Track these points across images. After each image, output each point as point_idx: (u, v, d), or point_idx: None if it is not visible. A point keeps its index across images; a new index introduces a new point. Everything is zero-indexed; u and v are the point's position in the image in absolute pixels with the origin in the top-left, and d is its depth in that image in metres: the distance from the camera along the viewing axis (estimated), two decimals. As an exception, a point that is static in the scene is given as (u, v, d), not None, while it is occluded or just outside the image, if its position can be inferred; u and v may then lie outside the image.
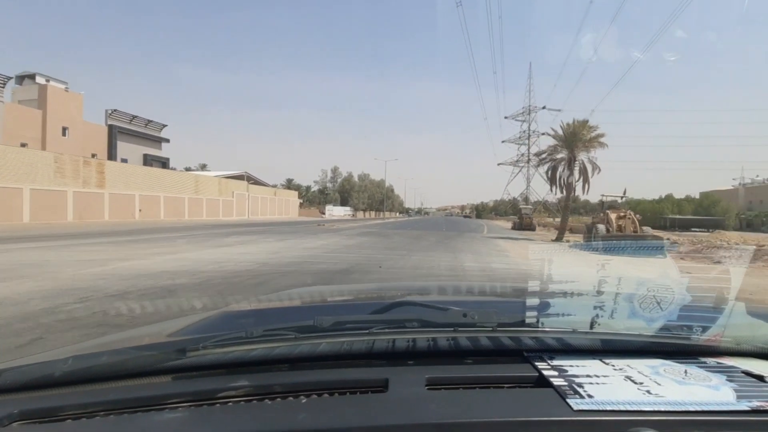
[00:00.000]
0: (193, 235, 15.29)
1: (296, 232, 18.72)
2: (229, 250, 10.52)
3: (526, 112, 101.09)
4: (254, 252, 10.32)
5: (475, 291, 1.77)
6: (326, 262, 8.79)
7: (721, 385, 0.70)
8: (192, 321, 1.11)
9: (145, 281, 5.85)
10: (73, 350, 0.89)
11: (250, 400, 0.69)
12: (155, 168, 35.33)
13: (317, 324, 0.84)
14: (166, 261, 8.17)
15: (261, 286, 5.81)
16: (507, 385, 0.73)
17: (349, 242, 13.70)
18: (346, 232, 19.60)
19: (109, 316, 4.03)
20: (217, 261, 8.36)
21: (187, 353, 0.77)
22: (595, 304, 0.99)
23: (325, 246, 12.28)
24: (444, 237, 18.80)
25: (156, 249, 10.27)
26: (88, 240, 12.51)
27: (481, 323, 0.86)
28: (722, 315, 0.95)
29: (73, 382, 0.74)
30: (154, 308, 4.27)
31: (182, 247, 10.92)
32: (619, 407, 0.62)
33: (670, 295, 0.96)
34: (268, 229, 20.76)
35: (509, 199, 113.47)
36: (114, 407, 0.67)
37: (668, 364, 0.78)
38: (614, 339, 0.86)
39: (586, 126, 19.22)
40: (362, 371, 0.78)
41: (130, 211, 30.01)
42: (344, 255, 10.09)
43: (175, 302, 4.71)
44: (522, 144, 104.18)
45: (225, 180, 43.38)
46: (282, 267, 7.77)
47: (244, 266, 7.69)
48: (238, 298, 4.55)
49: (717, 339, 0.86)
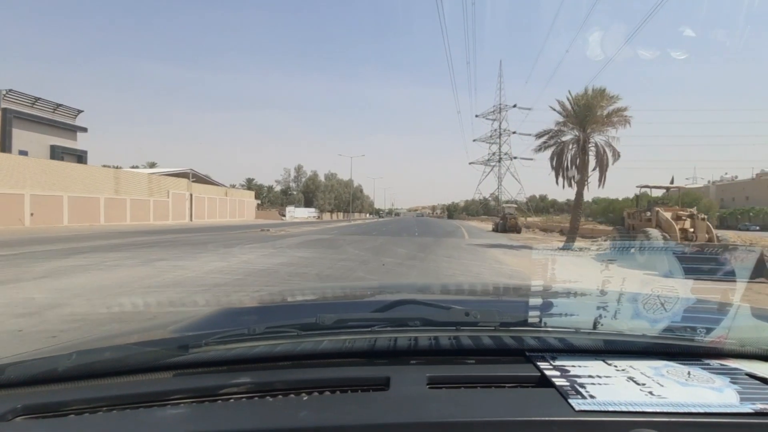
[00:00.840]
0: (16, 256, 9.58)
1: (215, 242, 14.16)
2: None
3: (497, 110, 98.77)
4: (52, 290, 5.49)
5: (477, 290, 1.77)
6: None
7: (725, 387, 0.70)
8: (194, 318, 1.11)
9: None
10: (76, 346, 0.89)
11: (252, 397, 0.70)
12: (57, 162, 27.90)
13: (319, 322, 0.85)
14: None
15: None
16: (509, 384, 0.73)
17: (274, 261, 9.46)
18: (288, 241, 15.29)
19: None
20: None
21: (189, 350, 0.78)
22: (599, 304, 0.98)
23: (227, 270, 7.92)
24: (418, 247, 14.07)
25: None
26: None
27: (483, 322, 0.86)
28: (726, 317, 0.94)
29: (76, 377, 0.75)
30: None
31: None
32: (620, 408, 0.62)
33: (674, 296, 0.95)
34: (179, 239, 15.63)
35: (480, 199, 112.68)
36: (117, 403, 0.68)
37: (671, 366, 0.79)
38: (617, 340, 0.86)
39: (604, 96, 14.02)
40: (364, 369, 0.79)
41: (16, 215, 23.16)
42: (225, 297, 5.83)
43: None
44: (493, 143, 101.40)
45: (158, 177, 36.34)
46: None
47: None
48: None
49: (721, 341, 0.85)
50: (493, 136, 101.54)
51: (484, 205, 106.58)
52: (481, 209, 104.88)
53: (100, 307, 4.91)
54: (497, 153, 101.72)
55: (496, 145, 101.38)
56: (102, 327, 4.04)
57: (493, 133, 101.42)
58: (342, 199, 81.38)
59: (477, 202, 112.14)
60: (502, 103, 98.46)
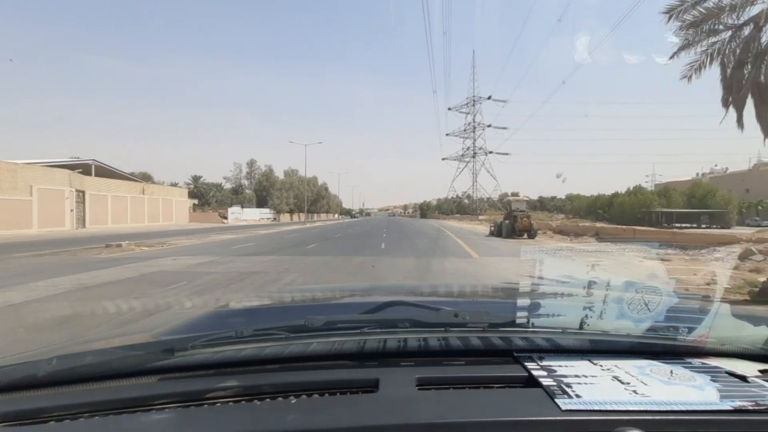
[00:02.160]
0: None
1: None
2: None
3: (471, 103, 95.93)
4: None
5: (466, 291, 1.86)
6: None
7: (706, 385, 0.75)
8: (181, 321, 1.15)
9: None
10: (57, 350, 0.91)
11: (239, 401, 0.71)
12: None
13: (308, 324, 0.88)
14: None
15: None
16: (497, 385, 0.77)
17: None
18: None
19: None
20: None
21: (175, 353, 0.79)
22: (585, 305, 1.00)
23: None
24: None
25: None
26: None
27: (472, 323, 0.91)
28: (707, 316, 0.99)
29: (56, 382, 0.76)
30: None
31: None
32: (606, 407, 0.66)
33: (657, 296, 0.99)
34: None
35: (454, 197, 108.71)
36: (99, 408, 0.69)
37: (655, 365, 0.84)
38: (603, 339, 0.92)
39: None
40: (353, 371, 0.82)
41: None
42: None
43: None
44: (467, 137, 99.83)
45: (13, 167, 26.15)
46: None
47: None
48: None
49: (702, 340, 0.91)
50: (467, 130, 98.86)
51: (458, 204, 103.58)
52: (455, 208, 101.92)
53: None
54: (471, 148, 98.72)
55: (470, 139, 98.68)
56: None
57: (467, 126, 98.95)
58: (303, 197, 75.72)
59: (450, 200, 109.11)
60: (476, 95, 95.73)
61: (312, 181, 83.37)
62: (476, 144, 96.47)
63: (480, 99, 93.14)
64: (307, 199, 72.86)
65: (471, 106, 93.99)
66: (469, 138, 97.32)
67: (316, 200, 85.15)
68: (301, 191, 74.37)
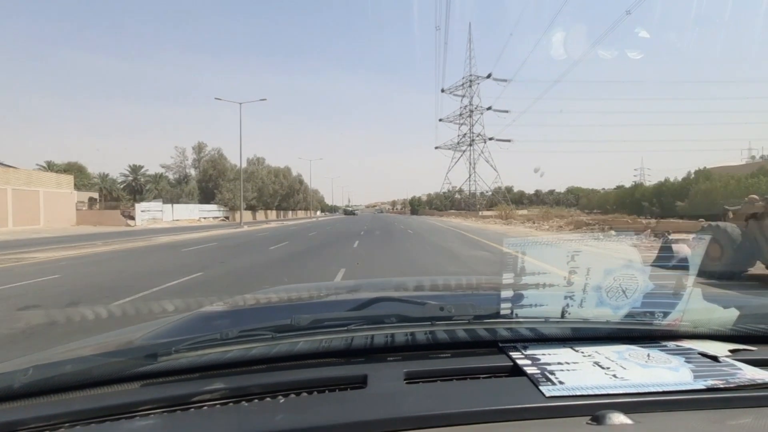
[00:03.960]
0: None
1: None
2: None
3: (467, 83, 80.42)
4: None
5: (451, 285, 1.81)
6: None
7: (680, 367, 0.78)
8: (163, 325, 1.10)
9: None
10: (33, 359, 0.88)
11: (227, 403, 0.71)
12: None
13: (295, 323, 0.86)
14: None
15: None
16: (483, 375, 0.79)
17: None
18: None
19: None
20: None
21: (158, 358, 0.78)
22: (566, 294, 1.02)
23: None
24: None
25: None
26: None
27: (457, 316, 0.92)
28: (681, 301, 1.01)
29: (34, 393, 0.74)
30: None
31: None
32: (588, 392, 0.69)
33: (634, 283, 1.00)
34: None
35: (446, 191, 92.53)
36: (79, 418, 0.67)
37: (633, 349, 0.88)
38: (583, 327, 0.94)
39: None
40: (341, 368, 0.82)
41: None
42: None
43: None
44: (463, 123, 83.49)
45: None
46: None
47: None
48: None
49: (676, 323, 0.95)
50: (462, 114, 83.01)
51: (449, 199, 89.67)
52: (447, 203, 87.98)
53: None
54: (468, 134, 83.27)
55: (466, 125, 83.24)
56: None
57: (462, 110, 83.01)
58: (267, 191, 61.31)
59: (442, 195, 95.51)
60: (473, 73, 79.91)
61: (283, 173, 69.76)
62: (473, 130, 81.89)
63: (478, 78, 78.39)
64: (277, 193, 61.35)
65: (467, 87, 79.63)
66: (465, 124, 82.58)
67: (288, 195, 71.57)
68: (266, 183, 59.80)
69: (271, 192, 62.53)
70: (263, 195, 59.84)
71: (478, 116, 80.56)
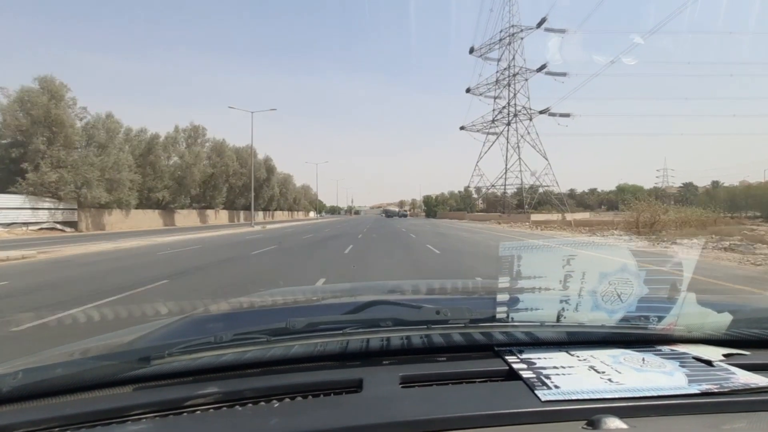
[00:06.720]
0: None
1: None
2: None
3: (506, 39, 56.82)
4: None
5: (448, 288, 1.84)
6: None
7: (675, 371, 0.79)
8: (157, 328, 1.08)
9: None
10: (22, 363, 0.86)
11: (220, 407, 0.71)
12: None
13: (290, 326, 0.86)
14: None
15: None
16: (479, 379, 0.80)
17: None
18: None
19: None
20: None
21: (151, 361, 0.78)
22: (562, 298, 1.03)
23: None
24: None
25: None
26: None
27: (453, 320, 0.92)
28: (675, 305, 1.02)
29: (23, 397, 0.73)
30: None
31: None
32: (583, 396, 0.69)
33: (629, 287, 1.01)
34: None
35: (474, 187, 66.39)
36: (70, 422, 0.67)
37: (628, 353, 0.88)
38: (579, 331, 0.96)
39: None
40: (336, 372, 0.82)
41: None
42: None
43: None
44: (498, 97, 59.20)
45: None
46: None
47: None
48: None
49: (671, 328, 0.96)
50: (499, 81, 58.67)
51: (464, 199, 67.70)
52: (470, 203, 66.17)
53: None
54: (507, 108, 57.93)
55: (503, 99, 58.63)
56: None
57: (498, 76, 58.61)
58: (235, 188, 45.47)
59: (456, 194, 73.73)
60: (514, 24, 55.26)
61: (239, 153, 44.44)
62: (514, 103, 56.00)
63: (521, 30, 53.89)
64: (252, 188, 34.49)
65: (506, 44, 55.64)
66: (501, 98, 57.45)
67: (253, 186, 36.51)
68: (188, 163, 35.42)
69: (203, 178, 38.25)
70: (185, 183, 35.88)
71: (522, 83, 56.32)
